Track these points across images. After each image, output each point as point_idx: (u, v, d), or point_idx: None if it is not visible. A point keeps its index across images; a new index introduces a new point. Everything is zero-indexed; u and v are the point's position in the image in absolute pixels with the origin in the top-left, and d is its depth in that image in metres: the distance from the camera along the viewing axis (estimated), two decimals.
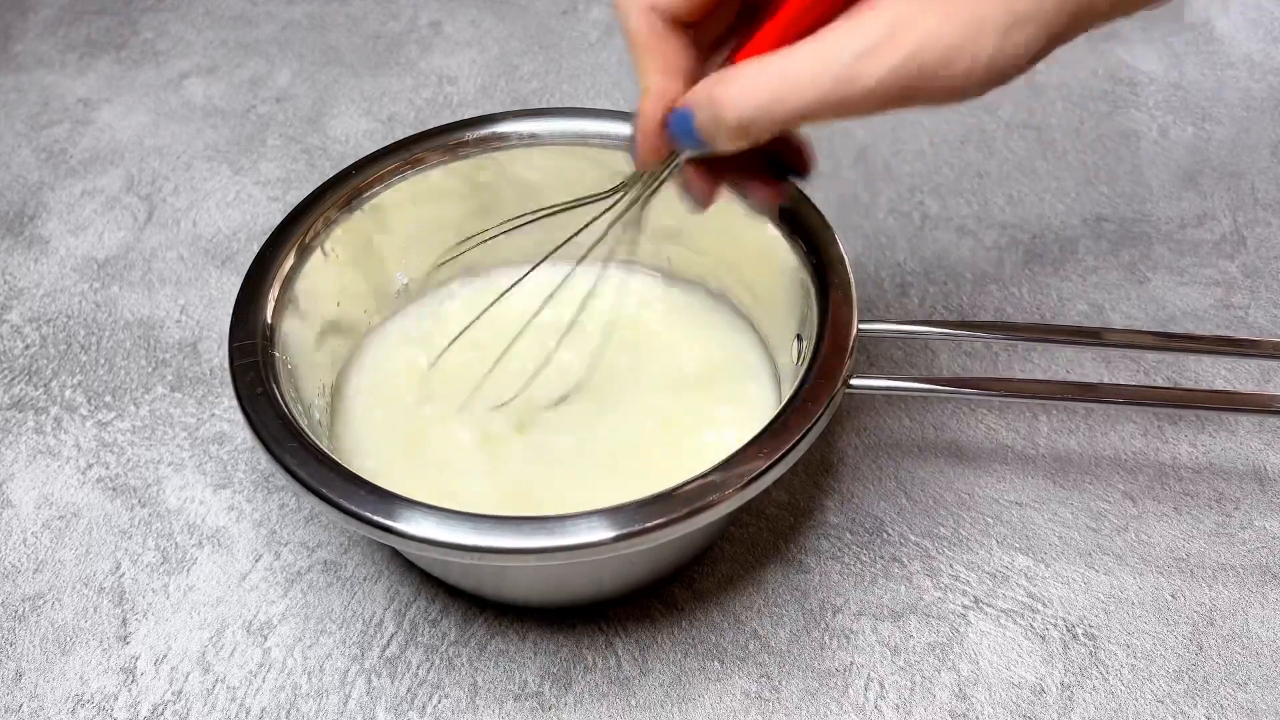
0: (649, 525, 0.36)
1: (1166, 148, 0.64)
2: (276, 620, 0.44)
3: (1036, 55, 0.31)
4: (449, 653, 0.43)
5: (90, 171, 0.63)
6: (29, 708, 0.42)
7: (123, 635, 0.44)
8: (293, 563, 0.46)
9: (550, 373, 0.46)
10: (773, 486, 0.39)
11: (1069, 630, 0.43)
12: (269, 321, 0.43)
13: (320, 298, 0.46)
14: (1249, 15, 0.72)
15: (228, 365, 0.41)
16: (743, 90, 0.33)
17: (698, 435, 0.46)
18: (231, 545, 0.46)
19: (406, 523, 0.36)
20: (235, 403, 0.40)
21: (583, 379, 0.47)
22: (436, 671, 0.43)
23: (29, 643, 0.44)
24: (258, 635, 0.44)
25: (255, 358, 0.41)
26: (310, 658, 0.43)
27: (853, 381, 0.41)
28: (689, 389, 0.48)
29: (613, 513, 0.36)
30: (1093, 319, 0.54)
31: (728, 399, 0.47)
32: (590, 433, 0.46)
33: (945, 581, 0.45)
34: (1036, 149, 0.63)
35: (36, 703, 0.42)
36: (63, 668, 0.43)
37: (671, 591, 0.45)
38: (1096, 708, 0.41)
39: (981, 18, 0.30)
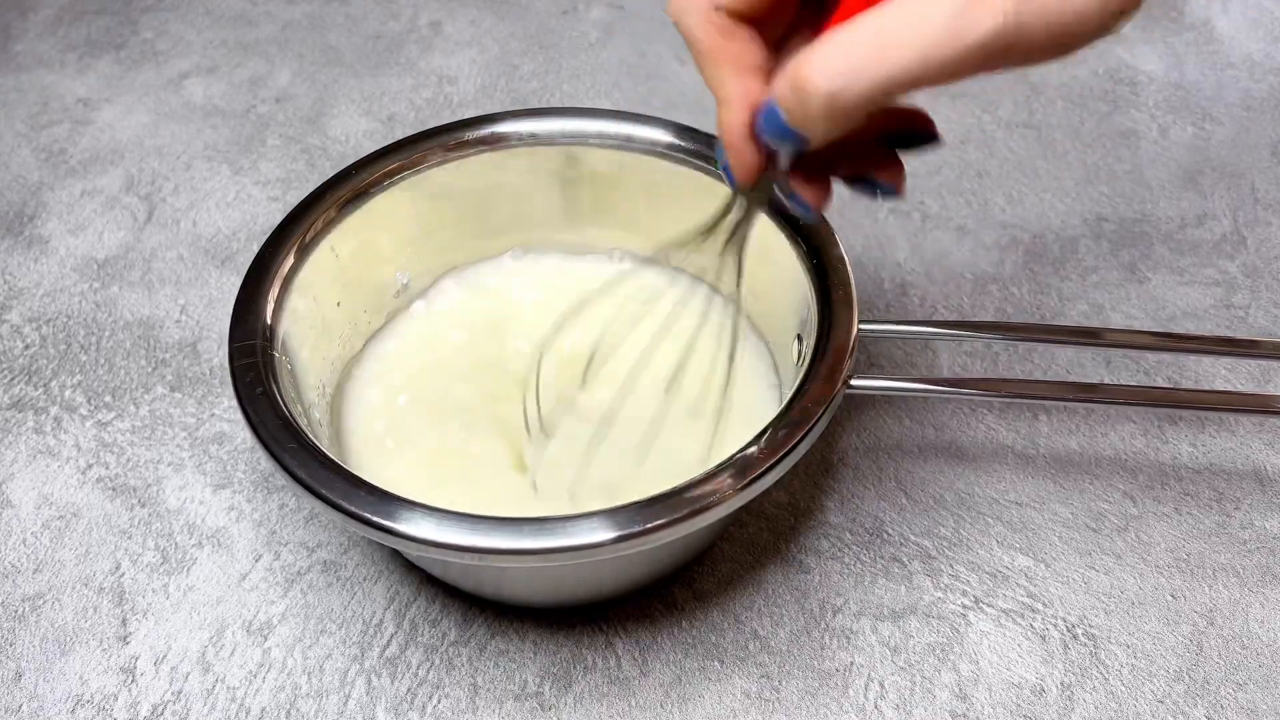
0: (649, 526, 0.36)
1: (1166, 148, 0.64)
2: (276, 620, 0.44)
3: None
4: (449, 653, 0.43)
5: (90, 171, 0.63)
6: (29, 708, 0.42)
7: (123, 635, 0.44)
8: (293, 563, 0.46)
9: (551, 372, 0.46)
10: (773, 486, 0.39)
11: (1069, 630, 0.43)
12: (269, 321, 0.43)
13: (320, 298, 0.46)
14: (1249, 15, 0.72)
15: (228, 365, 0.41)
16: (828, 58, 0.29)
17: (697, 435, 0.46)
18: (231, 545, 0.46)
19: (406, 524, 0.36)
20: (235, 403, 0.40)
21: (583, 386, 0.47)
22: (436, 671, 0.43)
23: (29, 643, 0.44)
24: (258, 635, 0.44)
25: (255, 358, 0.41)
26: (310, 658, 0.43)
27: (853, 382, 0.41)
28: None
29: (613, 513, 0.36)
30: (1093, 319, 0.54)
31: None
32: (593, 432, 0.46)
33: (945, 581, 0.45)
34: (1036, 149, 0.63)
35: (36, 703, 0.42)
36: (62, 668, 0.43)
37: (671, 591, 0.45)
38: (1096, 708, 0.41)
39: None
